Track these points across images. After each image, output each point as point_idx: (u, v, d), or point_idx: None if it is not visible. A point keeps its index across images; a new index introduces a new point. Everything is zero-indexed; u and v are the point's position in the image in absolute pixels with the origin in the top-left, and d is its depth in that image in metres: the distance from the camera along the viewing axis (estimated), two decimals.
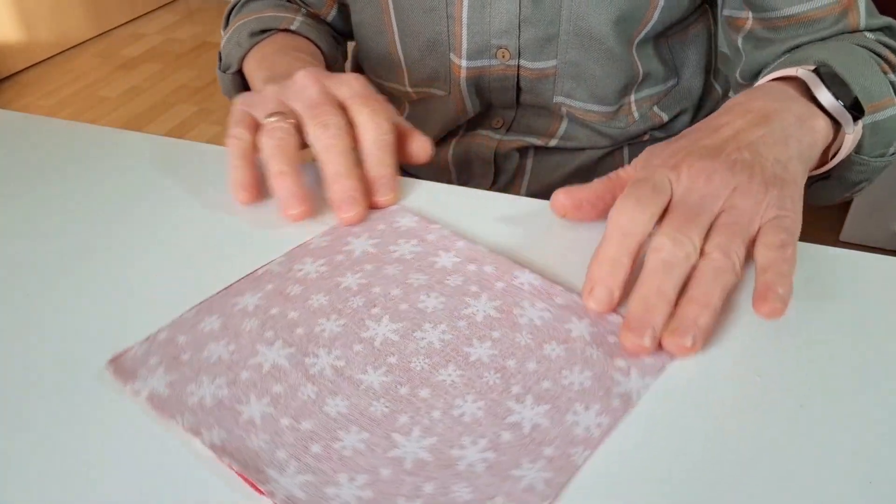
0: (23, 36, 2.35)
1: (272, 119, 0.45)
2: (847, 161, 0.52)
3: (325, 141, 0.43)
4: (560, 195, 0.44)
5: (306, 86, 0.45)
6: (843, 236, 1.65)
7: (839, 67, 0.49)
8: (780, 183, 0.41)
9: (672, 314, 0.37)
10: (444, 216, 0.48)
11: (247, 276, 0.42)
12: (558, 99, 0.65)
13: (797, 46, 0.59)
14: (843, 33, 0.59)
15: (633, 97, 0.67)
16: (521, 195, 0.50)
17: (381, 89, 0.72)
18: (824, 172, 0.53)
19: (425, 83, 0.68)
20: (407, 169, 0.77)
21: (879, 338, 0.40)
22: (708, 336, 0.38)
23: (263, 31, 0.67)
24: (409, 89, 0.69)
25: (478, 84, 0.65)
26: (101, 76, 2.41)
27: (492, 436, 0.34)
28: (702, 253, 0.38)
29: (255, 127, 0.46)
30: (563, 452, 0.33)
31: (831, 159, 0.51)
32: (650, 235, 0.40)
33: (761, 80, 0.52)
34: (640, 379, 0.37)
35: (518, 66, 0.64)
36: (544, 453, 0.33)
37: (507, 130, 0.69)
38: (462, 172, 0.73)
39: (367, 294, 0.42)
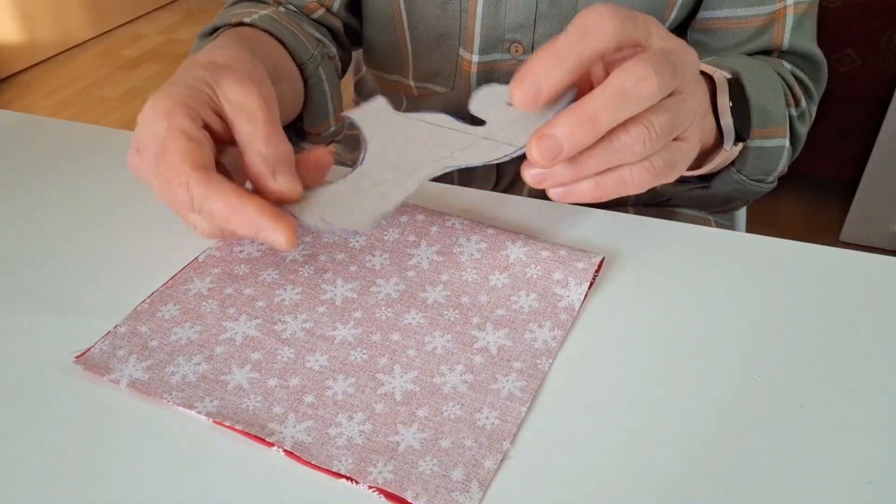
0: (23, 36, 2.34)
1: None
2: (727, 175, 0.53)
3: None
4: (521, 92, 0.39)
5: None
6: (843, 237, 1.65)
7: (748, 83, 0.50)
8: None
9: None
10: None
11: (189, 263, 0.43)
12: None
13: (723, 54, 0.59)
14: (766, 49, 0.60)
15: None
16: (523, 197, 0.50)
17: (383, 82, 0.72)
18: (704, 180, 0.54)
19: (428, 78, 0.68)
20: None
21: (879, 338, 0.40)
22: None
23: (216, 30, 0.57)
24: (412, 83, 0.69)
25: (487, 80, 0.65)
26: (102, 76, 2.41)
27: (466, 361, 0.38)
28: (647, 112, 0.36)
29: None
30: (530, 363, 0.38)
31: (704, 166, 0.50)
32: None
33: None
34: (577, 287, 0.41)
35: None
36: (514, 367, 0.38)
37: None
38: (465, 174, 0.73)
39: (314, 263, 0.44)
